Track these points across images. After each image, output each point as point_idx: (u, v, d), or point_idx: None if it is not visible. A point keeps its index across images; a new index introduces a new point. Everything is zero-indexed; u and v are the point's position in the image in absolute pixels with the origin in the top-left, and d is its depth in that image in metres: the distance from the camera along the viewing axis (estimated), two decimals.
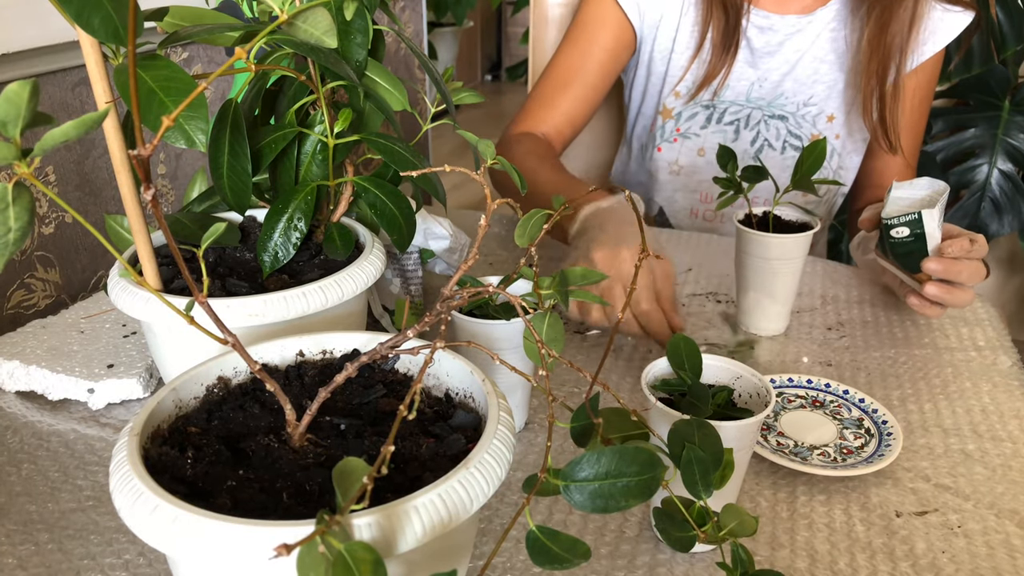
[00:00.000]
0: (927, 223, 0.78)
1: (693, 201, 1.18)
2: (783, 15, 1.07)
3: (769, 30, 1.08)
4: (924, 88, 1.11)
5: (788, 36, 1.08)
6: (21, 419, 0.69)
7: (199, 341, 0.43)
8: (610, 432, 0.43)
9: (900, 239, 0.80)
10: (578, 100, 1.13)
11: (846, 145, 1.13)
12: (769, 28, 1.08)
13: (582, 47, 1.12)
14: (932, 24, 1.05)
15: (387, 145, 0.62)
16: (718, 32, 1.08)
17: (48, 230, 0.94)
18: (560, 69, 1.13)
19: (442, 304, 0.41)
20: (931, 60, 1.08)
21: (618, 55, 1.14)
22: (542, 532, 0.36)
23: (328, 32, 0.52)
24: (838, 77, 1.09)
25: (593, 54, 1.12)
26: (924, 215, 0.78)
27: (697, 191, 1.17)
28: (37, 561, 0.54)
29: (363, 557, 0.29)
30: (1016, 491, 0.62)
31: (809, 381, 0.74)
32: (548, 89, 1.13)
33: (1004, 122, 1.91)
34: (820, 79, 1.10)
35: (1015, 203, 1.92)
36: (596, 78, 1.13)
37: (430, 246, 0.83)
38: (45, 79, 0.91)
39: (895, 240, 0.81)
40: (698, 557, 0.55)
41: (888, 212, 0.80)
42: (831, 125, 1.11)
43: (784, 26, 1.07)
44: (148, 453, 0.40)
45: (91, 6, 0.43)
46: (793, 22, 1.07)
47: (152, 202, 0.34)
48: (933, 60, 1.09)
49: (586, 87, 1.13)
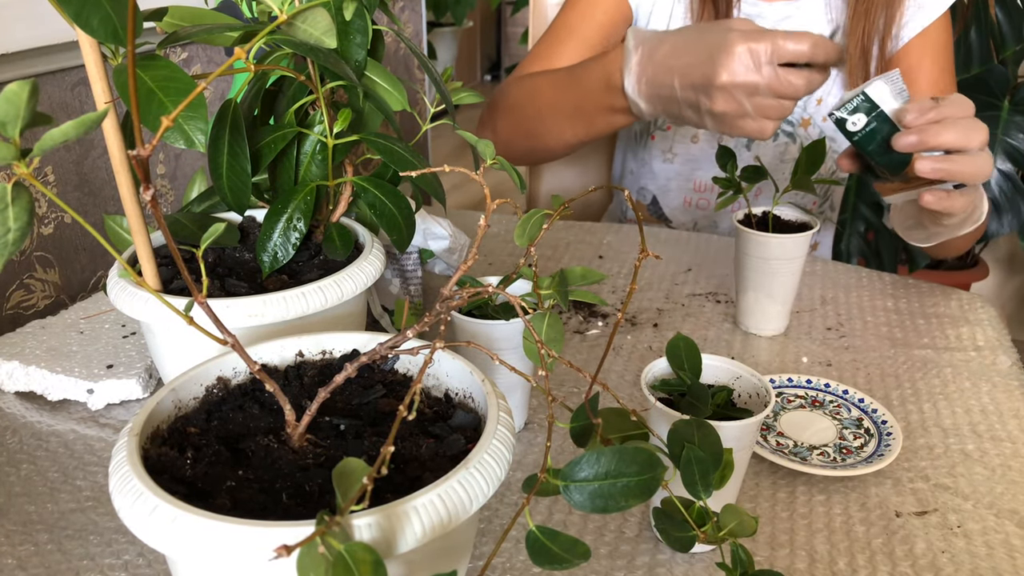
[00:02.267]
0: (880, 99, 0.68)
1: (687, 190, 1.18)
2: (771, 3, 1.08)
3: (758, 18, 1.08)
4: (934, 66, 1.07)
5: (777, 23, 1.08)
6: (20, 419, 0.69)
7: (198, 341, 0.43)
8: (610, 432, 0.43)
9: (862, 132, 0.70)
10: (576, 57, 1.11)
11: None
12: (758, 16, 1.08)
13: (581, 9, 1.12)
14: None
15: (386, 145, 0.62)
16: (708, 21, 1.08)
17: (47, 230, 0.94)
18: (559, 27, 1.13)
19: (442, 304, 0.41)
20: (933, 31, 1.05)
21: (616, 24, 1.13)
22: (542, 532, 0.36)
23: (327, 32, 0.52)
24: None
25: (594, 16, 1.12)
26: (870, 91, 0.67)
27: (691, 179, 1.17)
28: (36, 562, 0.54)
29: (363, 558, 0.29)
30: (1016, 491, 0.62)
31: (809, 381, 0.74)
32: (546, 47, 1.12)
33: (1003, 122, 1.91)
34: None
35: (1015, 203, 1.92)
36: (595, 39, 1.12)
37: (430, 246, 0.83)
38: (44, 79, 0.91)
39: (858, 137, 0.70)
40: (698, 557, 0.55)
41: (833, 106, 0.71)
42: (820, 108, 1.11)
43: (772, 13, 1.08)
44: (147, 453, 0.40)
45: (90, 6, 0.43)
46: (781, 8, 1.08)
47: (151, 202, 0.34)
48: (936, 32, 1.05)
49: (585, 44, 1.12)
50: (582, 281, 0.52)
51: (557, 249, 1.05)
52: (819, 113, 1.11)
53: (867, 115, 0.69)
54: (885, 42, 1.04)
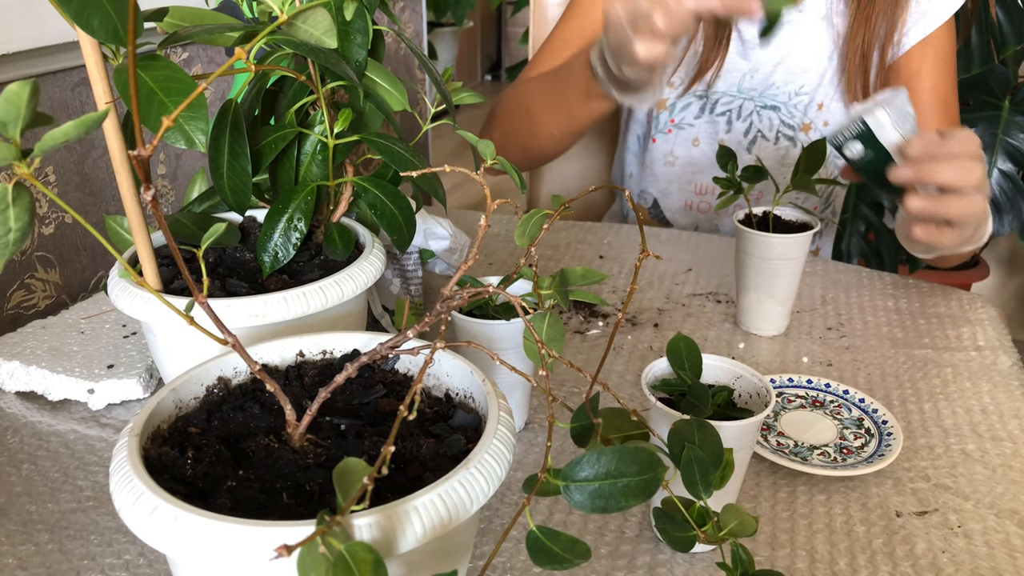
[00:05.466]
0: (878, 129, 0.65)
1: (688, 193, 1.18)
2: None
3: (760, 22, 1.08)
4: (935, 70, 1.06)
5: (779, 27, 1.08)
6: (21, 419, 0.69)
7: (199, 341, 0.43)
8: (610, 432, 0.43)
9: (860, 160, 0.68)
10: None
11: None
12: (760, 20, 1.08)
13: (579, 22, 1.12)
14: (922, 5, 1.04)
15: (387, 145, 0.62)
16: (708, 26, 1.08)
17: (48, 230, 0.94)
18: (556, 40, 1.13)
19: (442, 304, 0.41)
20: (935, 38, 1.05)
21: None
22: (542, 532, 0.36)
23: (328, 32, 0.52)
24: (828, 65, 1.09)
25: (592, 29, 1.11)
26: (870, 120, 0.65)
27: (692, 182, 1.17)
28: (37, 561, 0.54)
29: (363, 557, 0.29)
30: (1016, 491, 0.62)
31: (809, 381, 0.74)
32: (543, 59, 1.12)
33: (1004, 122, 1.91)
34: (811, 68, 1.09)
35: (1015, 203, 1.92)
36: None
37: (430, 246, 0.83)
38: (45, 79, 0.91)
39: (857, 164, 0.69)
40: (698, 557, 0.55)
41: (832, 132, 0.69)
42: (821, 113, 1.11)
43: None
44: (148, 453, 0.40)
45: (91, 7, 0.43)
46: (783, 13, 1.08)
47: (152, 202, 0.34)
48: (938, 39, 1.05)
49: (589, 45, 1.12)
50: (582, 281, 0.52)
51: (557, 249, 1.05)
52: (820, 118, 1.11)
53: (864, 145, 0.68)
54: (886, 49, 1.04)
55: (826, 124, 1.12)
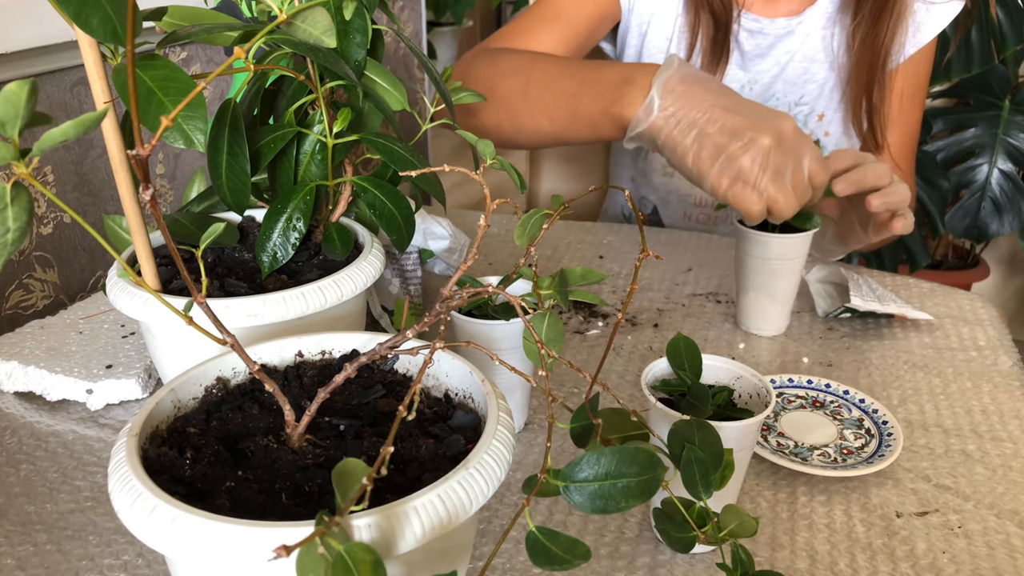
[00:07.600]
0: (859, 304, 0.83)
1: (687, 205, 1.18)
2: (773, 18, 1.07)
3: (759, 33, 1.07)
4: (912, 82, 1.10)
5: (778, 39, 1.08)
6: (19, 420, 0.69)
7: (198, 341, 0.43)
8: (610, 432, 0.43)
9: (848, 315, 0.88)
10: (560, 41, 1.05)
11: (840, 143, 1.13)
12: (759, 31, 1.07)
13: None
14: (917, 19, 1.05)
15: (386, 145, 0.62)
16: (707, 39, 1.07)
17: (46, 230, 0.94)
18: (548, 7, 1.06)
19: (441, 304, 0.40)
20: (919, 54, 1.08)
21: (604, 20, 1.10)
22: (542, 533, 0.36)
23: (327, 32, 0.52)
24: (828, 76, 1.09)
25: (586, 5, 1.07)
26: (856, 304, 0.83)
27: (691, 195, 1.17)
28: (36, 562, 0.54)
29: (363, 558, 0.29)
30: (1016, 491, 0.62)
31: (809, 381, 0.74)
32: (531, 20, 1.05)
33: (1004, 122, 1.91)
34: (810, 79, 1.09)
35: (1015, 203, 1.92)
36: (582, 28, 1.07)
37: (429, 246, 0.83)
38: (43, 79, 0.91)
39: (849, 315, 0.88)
40: (698, 558, 0.55)
41: (824, 310, 0.88)
42: (821, 123, 1.11)
43: (774, 29, 1.07)
44: (147, 454, 0.40)
45: (90, 6, 0.43)
46: (783, 24, 1.07)
47: (151, 202, 0.34)
48: (922, 54, 1.08)
49: (571, 31, 1.06)
50: (582, 281, 0.52)
51: (557, 249, 1.05)
52: (820, 128, 1.11)
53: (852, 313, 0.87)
54: (886, 61, 1.05)
55: (827, 135, 1.12)
